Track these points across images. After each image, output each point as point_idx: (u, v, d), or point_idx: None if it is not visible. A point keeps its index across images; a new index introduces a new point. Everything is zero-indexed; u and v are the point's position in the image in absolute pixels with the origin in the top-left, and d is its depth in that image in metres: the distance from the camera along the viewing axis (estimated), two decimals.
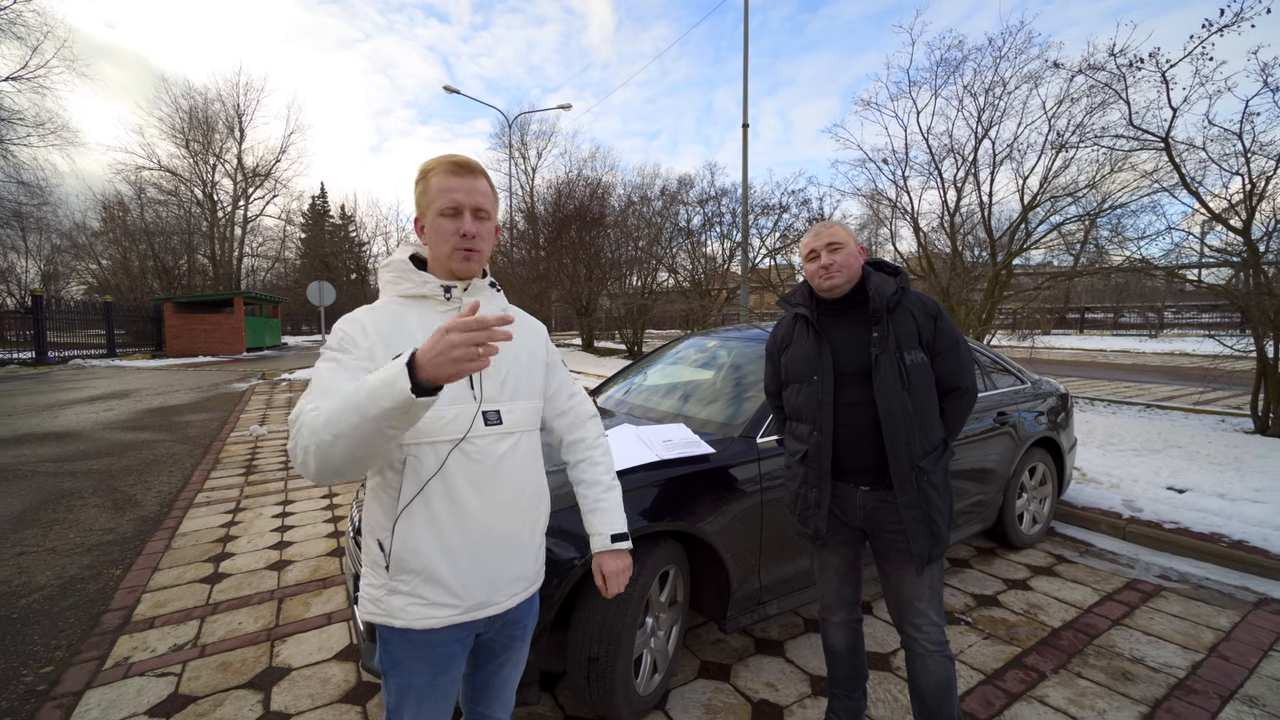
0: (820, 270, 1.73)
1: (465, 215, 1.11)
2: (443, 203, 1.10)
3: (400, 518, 1.06)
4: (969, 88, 8.67)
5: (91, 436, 6.80)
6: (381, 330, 1.08)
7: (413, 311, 1.13)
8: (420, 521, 1.06)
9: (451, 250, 1.12)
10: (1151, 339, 22.20)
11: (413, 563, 1.07)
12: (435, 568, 1.07)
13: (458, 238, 1.11)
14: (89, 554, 3.49)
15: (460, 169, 1.12)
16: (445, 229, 1.11)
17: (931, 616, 1.73)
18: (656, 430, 2.44)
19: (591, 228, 17.63)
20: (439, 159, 1.14)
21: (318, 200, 47.04)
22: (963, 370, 1.74)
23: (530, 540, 1.21)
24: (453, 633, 1.12)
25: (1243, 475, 4.56)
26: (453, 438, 1.08)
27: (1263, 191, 5.83)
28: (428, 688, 1.13)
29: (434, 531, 1.07)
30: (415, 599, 1.08)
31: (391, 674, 1.14)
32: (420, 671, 1.12)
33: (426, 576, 1.08)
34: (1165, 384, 10.73)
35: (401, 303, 1.15)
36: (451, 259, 1.12)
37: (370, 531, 1.13)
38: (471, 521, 1.09)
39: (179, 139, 34.71)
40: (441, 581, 1.08)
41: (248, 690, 2.24)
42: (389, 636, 1.12)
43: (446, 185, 1.10)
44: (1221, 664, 2.42)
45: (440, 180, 1.11)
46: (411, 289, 1.15)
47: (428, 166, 1.14)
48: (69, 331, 18.85)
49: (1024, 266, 9.75)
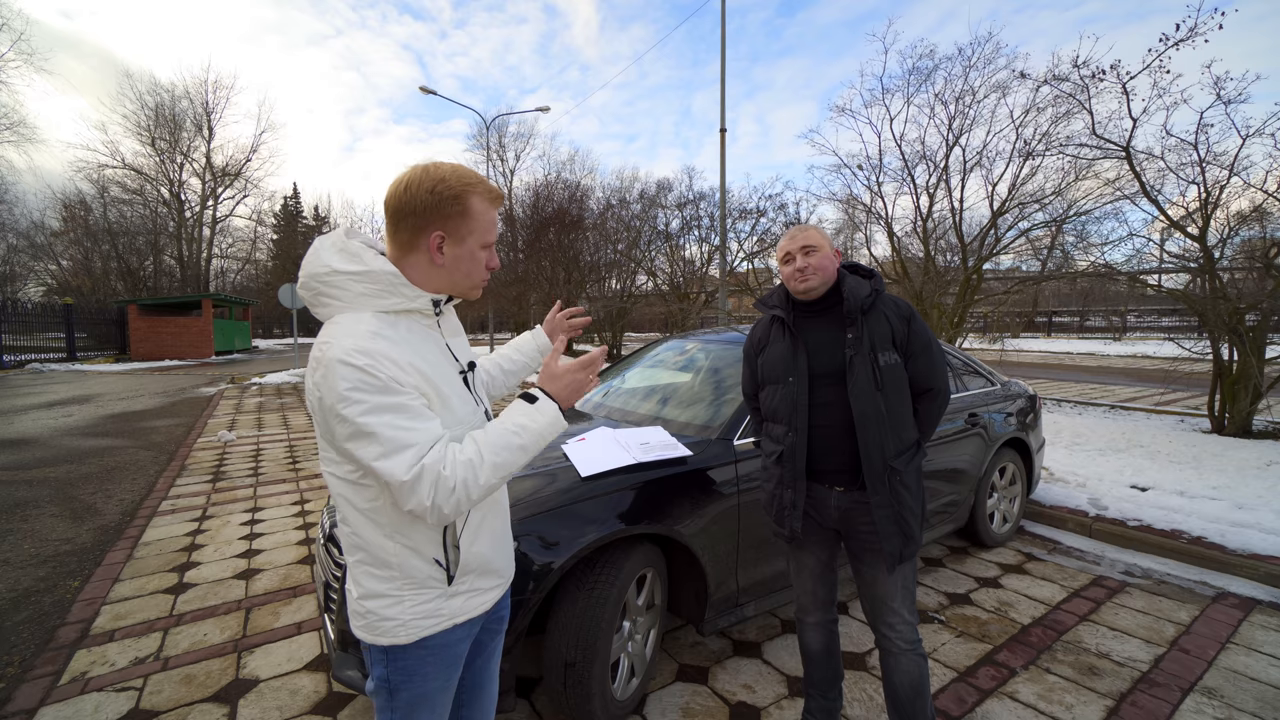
0: (796, 273, 1.75)
1: (492, 249, 1.14)
2: (490, 238, 1.12)
3: (465, 529, 1.11)
4: (940, 96, 8.87)
5: (49, 443, 6.55)
6: (407, 356, 1.01)
7: (401, 326, 1.06)
8: (475, 523, 1.13)
9: (480, 281, 1.15)
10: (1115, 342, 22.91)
11: (473, 563, 1.13)
12: (488, 558, 1.16)
13: (485, 271, 1.14)
14: (45, 565, 3.36)
15: (499, 201, 1.13)
16: (483, 260, 1.13)
17: (905, 615, 1.75)
18: (634, 433, 2.44)
19: (570, 230, 17.61)
20: (478, 180, 1.09)
21: (290, 201, 46.18)
22: (935, 372, 1.77)
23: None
24: (464, 630, 1.14)
25: (1201, 473, 4.72)
26: None
27: (1217, 200, 6.06)
28: (441, 691, 1.14)
29: (486, 527, 1.16)
30: (473, 592, 1.14)
31: (403, 688, 1.09)
32: (436, 676, 1.12)
33: (482, 570, 1.15)
34: (1128, 385, 11.08)
35: (390, 319, 1.05)
36: (476, 288, 1.15)
37: (412, 555, 1.05)
38: (499, 506, 1.22)
39: (144, 136, 33.83)
40: (494, 568, 1.18)
41: (213, 704, 2.17)
42: (397, 653, 1.07)
43: (492, 219, 1.11)
44: (1182, 657, 2.50)
45: (486, 211, 1.10)
46: (402, 303, 1.06)
47: (466, 186, 1.06)
48: (26, 335, 18.13)
49: (994, 271, 9.99)
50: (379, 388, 0.95)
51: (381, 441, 0.94)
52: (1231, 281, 6.30)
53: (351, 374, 0.94)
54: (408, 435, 0.96)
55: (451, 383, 1.10)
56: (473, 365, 1.21)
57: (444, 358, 1.12)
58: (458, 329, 1.23)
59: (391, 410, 0.96)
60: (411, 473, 0.94)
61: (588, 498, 2.00)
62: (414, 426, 0.97)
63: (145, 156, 34.00)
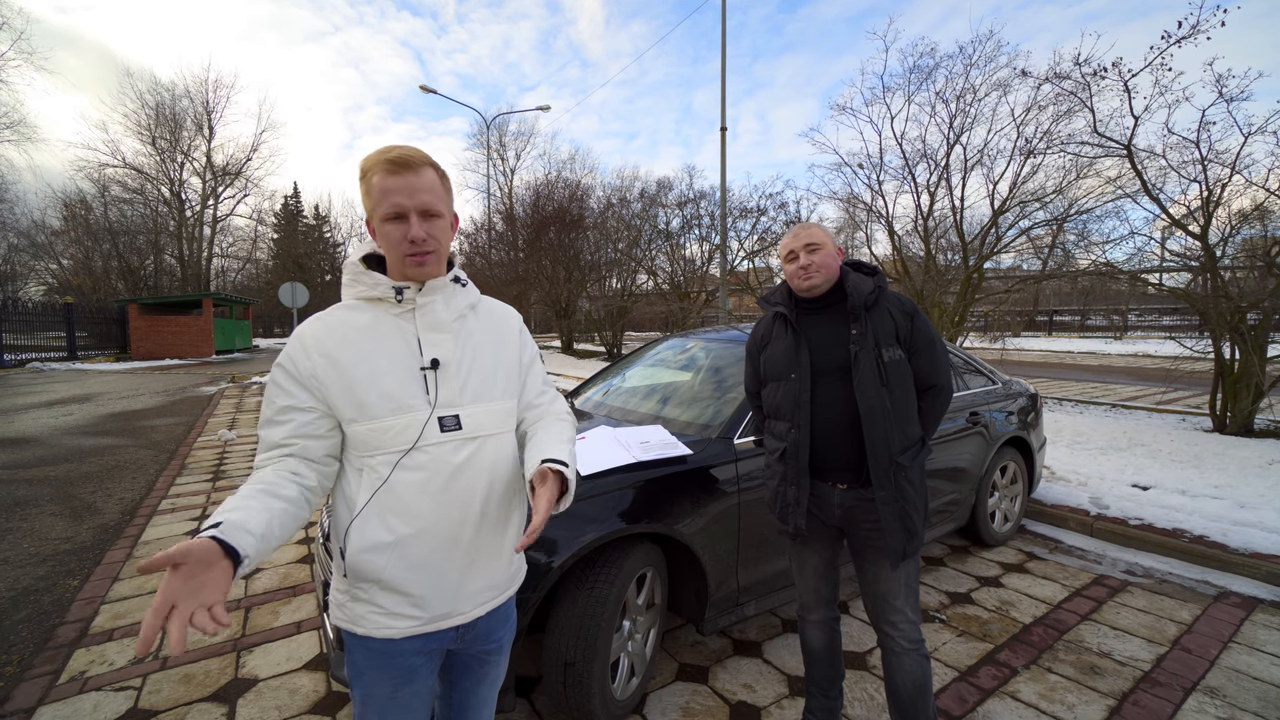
0: (799, 270, 1.75)
1: (411, 219, 1.03)
2: (385, 208, 1.02)
3: (352, 526, 1.03)
4: (941, 94, 8.84)
5: (49, 442, 6.54)
6: (325, 345, 1.04)
7: (365, 316, 1.08)
8: (373, 532, 1.03)
9: (403, 257, 1.05)
10: (1116, 341, 22.86)
11: (367, 572, 1.03)
12: (391, 578, 1.04)
13: (406, 244, 1.04)
14: (44, 564, 3.35)
15: (399, 166, 1.02)
16: (393, 235, 1.04)
17: (907, 614, 1.75)
18: (634, 432, 2.43)
19: (571, 229, 17.58)
20: (376, 156, 1.04)
21: (291, 200, 46.13)
22: (938, 368, 1.77)
23: (501, 547, 1.16)
24: (415, 643, 1.08)
25: (1202, 472, 4.71)
26: (401, 448, 1.04)
27: (1219, 198, 6.04)
28: (388, 699, 1.09)
29: (389, 544, 1.03)
30: (374, 608, 1.05)
31: (355, 683, 1.11)
32: (381, 682, 1.08)
33: (383, 586, 1.04)
34: (1129, 384, 11.06)
35: (355, 305, 1.10)
36: (405, 265, 1.06)
37: (334, 535, 1.10)
38: (429, 533, 1.05)
39: (145, 136, 33.77)
40: (399, 591, 1.05)
41: (212, 703, 2.17)
42: (352, 644, 1.10)
43: (387, 187, 1.02)
44: (1184, 656, 2.49)
45: (381, 181, 1.02)
46: (365, 291, 1.09)
47: (366, 165, 1.04)
48: (27, 333, 18.11)
49: (995, 270, 9.96)
50: (276, 376, 1.06)
51: (260, 425, 1.07)
52: (1233, 280, 6.28)
53: (282, 353, 1.08)
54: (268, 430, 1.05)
55: (377, 375, 1.04)
56: (435, 363, 1.08)
57: (398, 349, 1.07)
58: (441, 324, 1.11)
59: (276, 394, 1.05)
60: (256, 460, 1.05)
61: (587, 496, 1.99)
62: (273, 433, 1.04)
63: (146, 155, 33.97)
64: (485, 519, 1.11)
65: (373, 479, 1.04)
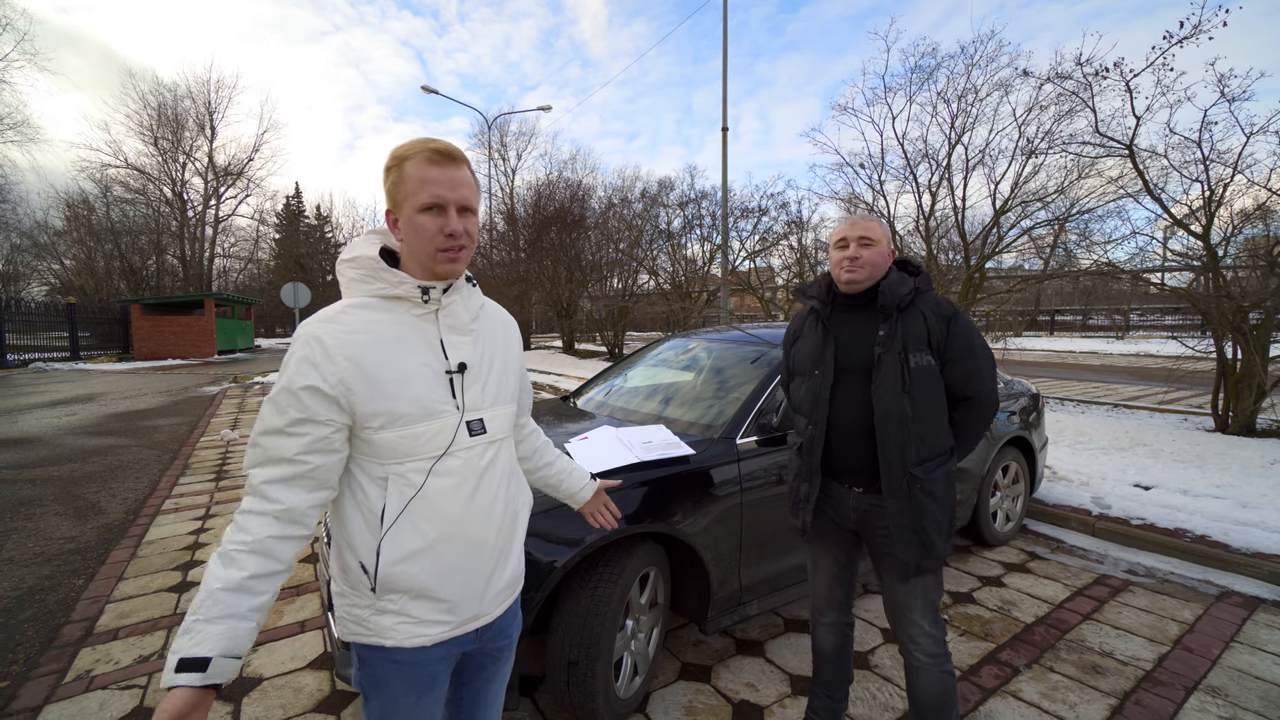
0: (846, 260, 1.67)
1: (450, 212, 0.99)
2: (424, 198, 0.97)
3: (385, 539, 0.99)
4: (942, 94, 8.84)
5: (53, 442, 6.57)
6: (350, 348, 0.96)
7: (386, 315, 1.02)
8: (407, 541, 0.99)
9: (435, 251, 0.99)
10: (1118, 340, 22.81)
11: (401, 583, 1.00)
12: (426, 586, 1.01)
13: (442, 238, 0.98)
14: (49, 564, 3.37)
15: (442, 158, 0.98)
16: (428, 228, 0.98)
17: (925, 627, 1.69)
18: (636, 431, 2.44)
19: (572, 230, 17.58)
20: (415, 144, 1.00)
21: (292, 200, 46.16)
22: (978, 377, 1.66)
23: (514, 545, 1.17)
24: (442, 649, 1.06)
25: (1204, 472, 4.71)
26: (434, 454, 1.01)
27: (1221, 198, 6.03)
28: (412, 708, 1.07)
29: (423, 551, 1.00)
30: (405, 618, 1.02)
31: (373, 695, 1.07)
32: (405, 692, 1.05)
33: (416, 594, 1.01)
34: (1131, 384, 11.04)
35: (371, 303, 1.02)
36: (436, 261, 1.00)
37: (349, 551, 1.02)
38: (460, 537, 1.04)
39: (147, 136, 33.85)
40: (433, 598, 1.03)
41: (217, 701, 2.18)
42: (370, 658, 1.05)
43: (427, 177, 0.97)
44: (1186, 656, 2.49)
45: (419, 170, 0.97)
46: (386, 289, 1.02)
47: (402, 153, 0.99)
48: (29, 334, 18.17)
49: (996, 270, 9.96)
50: (288, 382, 0.95)
51: (263, 421, 0.96)
52: (1235, 279, 6.26)
53: (289, 360, 0.96)
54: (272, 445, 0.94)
55: (408, 379, 1.00)
56: (463, 367, 1.07)
57: (424, 352, 1.03)
58: (462, 325, 1.08)
59: (292, 404, 0.94)
60: (251, 471, 0.95)
61: None
62: (284, 448, 0.94)
63: (148, 156, 34.05)
64: (505, 519, 1.13)
65: (402, 486, 1.00)
